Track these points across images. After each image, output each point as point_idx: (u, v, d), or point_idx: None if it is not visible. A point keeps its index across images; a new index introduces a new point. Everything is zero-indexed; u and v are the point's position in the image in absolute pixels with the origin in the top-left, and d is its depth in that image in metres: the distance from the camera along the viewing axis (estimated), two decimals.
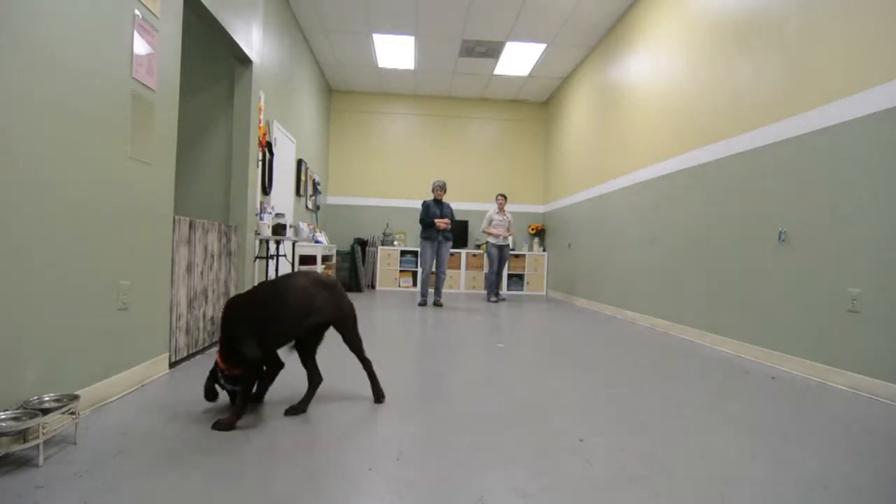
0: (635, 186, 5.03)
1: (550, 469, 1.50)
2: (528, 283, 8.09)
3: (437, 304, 5.95)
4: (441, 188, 5.97)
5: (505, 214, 6.65)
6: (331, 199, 8.34)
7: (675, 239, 4.25)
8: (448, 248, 5.96)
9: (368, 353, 2.12)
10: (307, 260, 6.34)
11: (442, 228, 5.83)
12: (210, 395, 1.91)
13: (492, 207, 6.86)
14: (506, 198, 6.72)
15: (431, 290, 6.43)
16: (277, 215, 4.03)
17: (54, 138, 1.69)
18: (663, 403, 2.20)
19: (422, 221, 5.90)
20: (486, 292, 6.90)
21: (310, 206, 6.82)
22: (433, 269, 5.99)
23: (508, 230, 6.63)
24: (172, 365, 2.57)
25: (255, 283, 4.19)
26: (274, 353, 1.97)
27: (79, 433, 1.61)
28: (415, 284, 8.02)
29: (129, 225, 2.14)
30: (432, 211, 5.89)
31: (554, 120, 8.11)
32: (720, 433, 1.85)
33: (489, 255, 6.64)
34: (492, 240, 6.58)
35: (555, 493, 1.35)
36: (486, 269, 7.10)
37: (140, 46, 2.17)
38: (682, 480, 1.44)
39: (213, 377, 1.89)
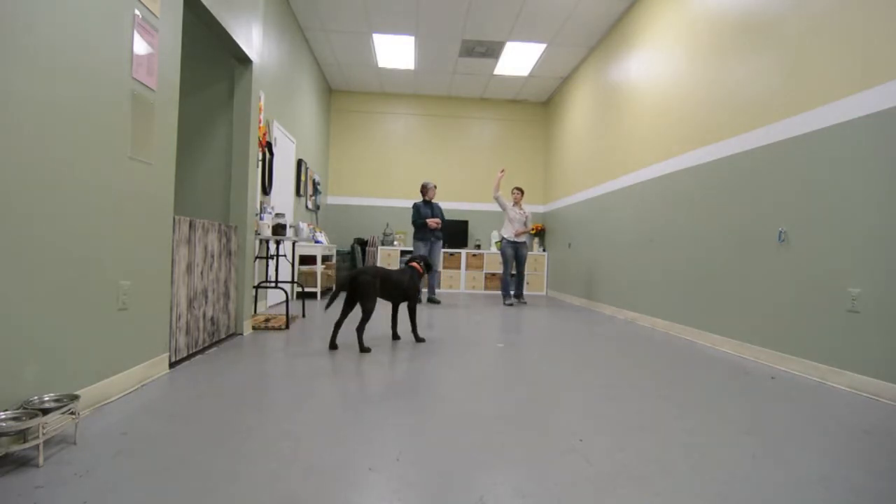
0: (635, 186, 5.03)
1: (550, 469, 1.50)
2: (528, 283, 8.08)
3: (432, 300, 6.04)
4: (433, 189, 6.14)
5: (522, 209, 6.28)
6: (331, 199, 8.34)
7: (675, 239, 4.25)
8: (440, 247, 6.15)
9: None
10: (307, 260, 6.35)
11: (433, 228, 5.96)
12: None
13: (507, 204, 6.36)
14: (522, 192, 6.38)
15: (424, 290, 6.52)
16: (277, 215, 4.03)
17: (54, 138, 1.69)
18: (663, 403, 2.21)
19: (414, 223, 6.04)
20: (501, 294, 6.64)
21: (310, 206, 6.82)
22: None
23: (525, 225, 6.25)
24: (172, 365, 2.57)
25: (256, 283, 4.20)
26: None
27: (79, 433, 1.61)
28: None
29: (130, 225, 2.14)
30: (424, 212, 6.01)
31: (554, 120, 8.11)
32: (720, 433, 1.85)
33: (503, 254, 6.17)
34: (507, 236, 6.18)
35: (555, 493, 1.35)
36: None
37: (140, 46, 2.17)
38: (682, 480, 1.44)
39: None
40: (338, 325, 3.17)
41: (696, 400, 2.27)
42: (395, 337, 3.53)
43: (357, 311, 3.17)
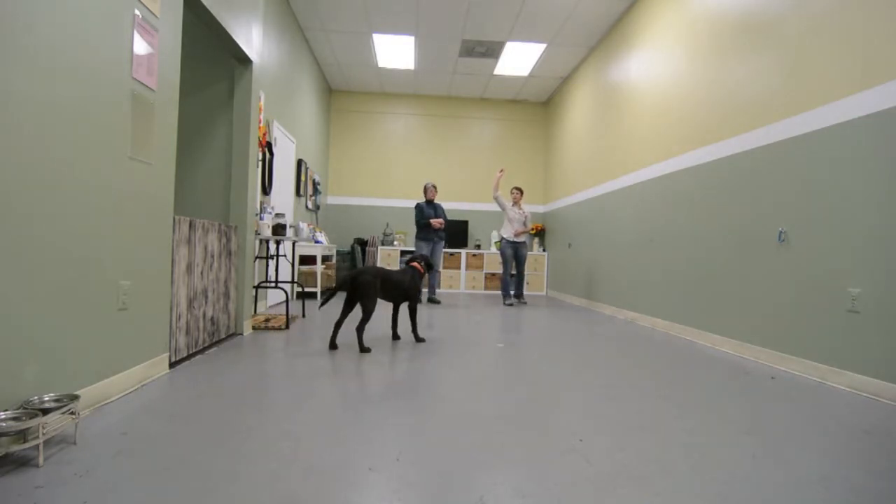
0: (635, 186, 5.03)
1: (550, 469, 1.50)
2: (528, 283, 8.08)
3: (432, 300, 6.04)
4: (433, 189, 6.17)
5: (521, 209, 6.27)
6: (331, 199, 8.34)
7: (675, 239, 4.25)
8: (442, 247, 6.17)
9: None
10: (307, 260, 6.35)
11: (437, 228, 5.98)
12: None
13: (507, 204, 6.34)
14: (522, 192, 6.38)
15: (424, 290, 6.54)
16: (277, 215, 4.03)
17: (54, 138, 1.69)
18: (663, 403, 2.21)
19: (418, 223, 6.05)
20: (501, 294, 6.66)
21: (310, 206, 6.82)
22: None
23: (525, 225, 6.23)
24: (172, 365, 2.57)
25: (256, 283, 4.20)
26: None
27: (79, 433, 1.61)
28: None
29: (130, 225, 2.14)
30: (427, 212, 6.01)
31: (554, 120, 8.11)
32: (720, 433, 1.85)
33: (503, 254, 6.15)
34: (506, 236, 6.17)
35: (555, 493, 1.35)
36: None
37: (140, 46, 2.17)
38: (682, 480, 1.44)
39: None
40: (338, 325, 3.17)
41: (696, 400, 2.27)
42: (396, 337, 3.53)
43: (357, 311, 3.17)
